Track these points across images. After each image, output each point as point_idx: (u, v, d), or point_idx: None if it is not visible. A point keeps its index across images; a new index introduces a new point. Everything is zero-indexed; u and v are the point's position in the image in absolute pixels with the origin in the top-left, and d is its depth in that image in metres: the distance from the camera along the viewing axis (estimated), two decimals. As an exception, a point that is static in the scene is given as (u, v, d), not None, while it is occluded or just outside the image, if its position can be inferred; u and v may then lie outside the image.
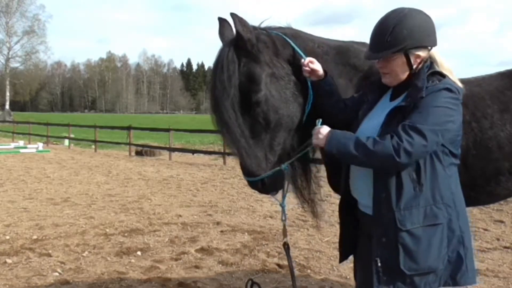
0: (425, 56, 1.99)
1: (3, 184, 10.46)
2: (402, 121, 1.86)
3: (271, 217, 7.13)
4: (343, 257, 2.31)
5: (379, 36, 1.99)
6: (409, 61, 1.97)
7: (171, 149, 16.98)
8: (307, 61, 2.21)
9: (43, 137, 24.93)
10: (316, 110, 2.25)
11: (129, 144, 18.84)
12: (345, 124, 2.15)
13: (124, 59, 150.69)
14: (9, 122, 38.46)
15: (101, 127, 22.46)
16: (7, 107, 58.28)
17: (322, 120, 2.08)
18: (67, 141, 23.24)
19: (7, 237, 5.88)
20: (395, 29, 1.94)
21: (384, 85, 2.10)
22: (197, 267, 4.81)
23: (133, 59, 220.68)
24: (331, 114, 2.24)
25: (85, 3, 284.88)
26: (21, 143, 22.16)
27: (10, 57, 61.79)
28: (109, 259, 5.08)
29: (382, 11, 2.11)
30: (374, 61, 2.10)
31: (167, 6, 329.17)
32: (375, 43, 2.01)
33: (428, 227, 1.88)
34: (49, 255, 5.18)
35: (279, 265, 4.82)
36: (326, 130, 2.01)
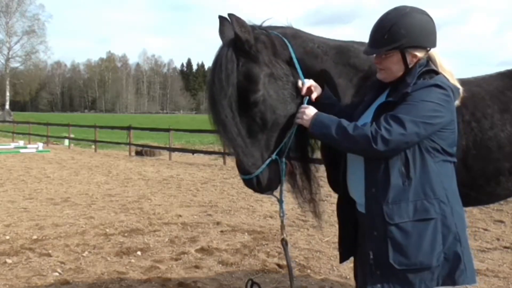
0: (422, 56, 1.99)
1: (3, 184, 10.46)
2: None
3: (271, 217, 7.13)
4: (343, 258, 2.31)
5: (378, 32, 2.00)
6: (405, 59, 1.97)
7: (171, 149, 16.98)
8: (306, 91, 2.20)
9: (43, 137, 24.93)
10: None
11: (129, 144, 18.84)
12: None
13: (124, 59, 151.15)
14: (9, 122, 38.47)
15: (101, 127, 22.45)
16: (7, 107, 58.34)
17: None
18: (67, 141, 23.25)
19: (7, 237, 5.88)
20: (393, 27, 1.95)
21: (382, 85, 2.11)
22: (197, 267, 4.81)
23: (133, 59, 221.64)
24: None
25: (85, 3, 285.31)
26: (21, 143, 22.15)
27: (10, 57, 61.92)
28: (109, 259, 5.08)
29: (383, 11, 2.11)
30: (373, 60, 2.11)
31: (168, 6, 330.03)
32: (373, 39, 2.02)
33: (418, 222, 1.87)
34: (49, 255, 5.18)
35: (279, 265, 4.82)
36: (311, 111, 2.05)
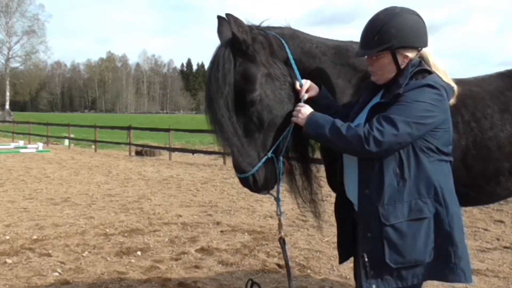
0: (413, 56, 1.99)
1: (3, 184, 10.46)
2: None
3: (271, 217, 7.12)
4: (343, 258, 2.31)
5: (368, 33, 2.00)
6: (396, 60, 1.97)
7: (171, 149, 16.98)
8: (304, 93, 2.20)
9: (43, 137, 24.92)
10: None
11: (129, 144, 18.83)
12: None
13: (124, 59, 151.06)
14: (9, 122, 38.45)
15: (101, 127, 22.43)
16: (7, 107, 58.30)
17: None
18: (67, 141, 23.25)
19: (7, 237, 5.88)
20: (383, 27, 1.95)
21: (377, 86, 2.10)
22: (197, 267, 4.81)
23: (133, 59, 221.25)
24: None
25: (85, 3, 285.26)
26: (21, 143, 22.15)
27: (10, 57, 61.84)
28: (109, 259, 5.08)
29: (384, 11, 2.09)
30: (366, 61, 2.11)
31: (167, 6, 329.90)
32: (364, 41, 2.02)
33: (413, 221, 1.87)
34: (49, 255, 5.18)
35: (279, 265, 4.82)
36: (307, 111, 2.06)
